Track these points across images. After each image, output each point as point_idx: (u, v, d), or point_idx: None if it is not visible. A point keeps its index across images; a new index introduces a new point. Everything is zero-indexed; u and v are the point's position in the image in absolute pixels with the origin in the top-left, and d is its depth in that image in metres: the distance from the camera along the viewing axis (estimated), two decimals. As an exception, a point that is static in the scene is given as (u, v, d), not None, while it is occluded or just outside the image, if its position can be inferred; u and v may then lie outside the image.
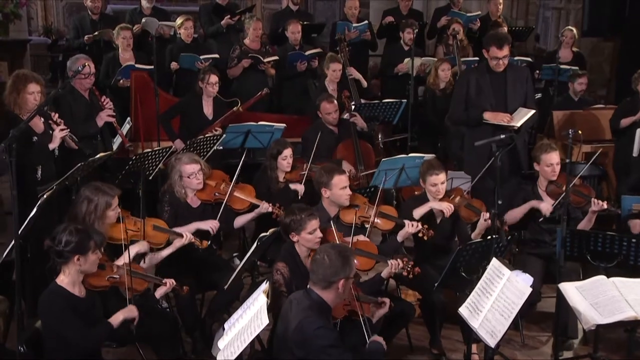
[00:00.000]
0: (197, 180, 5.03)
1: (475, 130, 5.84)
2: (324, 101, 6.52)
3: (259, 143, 6.25)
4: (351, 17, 8.66)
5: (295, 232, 4.28)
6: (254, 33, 7.80)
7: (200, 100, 6.54)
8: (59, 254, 3.71)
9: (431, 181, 5.07)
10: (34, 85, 5.10)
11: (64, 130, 5.20)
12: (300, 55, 7.80)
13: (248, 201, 5.26)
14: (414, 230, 4.84)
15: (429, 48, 10.03)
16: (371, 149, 6.70)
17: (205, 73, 6.50)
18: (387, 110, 7.01)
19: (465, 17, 8.73)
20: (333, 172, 4.86)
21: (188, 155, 5.09)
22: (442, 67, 7.56)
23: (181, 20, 7.88)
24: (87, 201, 4.27)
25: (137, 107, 7.05)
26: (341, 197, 4.86)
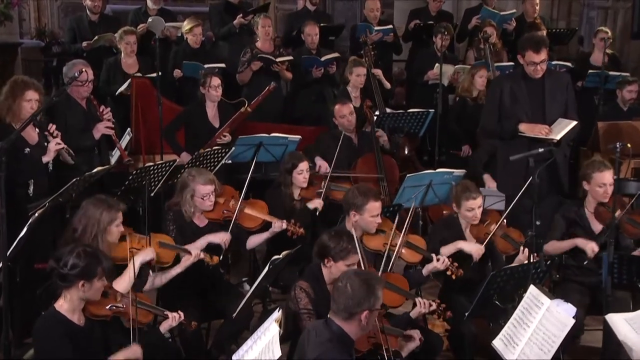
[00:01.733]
0: (209, 202, 5.08)
1: (509, 144, 5.80)
2: (337, 104, 6.58)
3: (271, 156, 6.28)
4: (372, 20, 8.70)
5: (334, 258, 4.28)
6: (263, 31, 7.79)
7: (204, 107, 6.60)
8: (63, 277, 3.71)
9: (467, 206, 5.08)
10: (32, 92, 5.17)
11: (60, 143, 5.22)
12: (316, 60, 7.83)
13: (260, 218, 5.28)
14: (441, 267, 4.84)
15: (459, 52, 10.05)
16: (395, 164, 6.71)
17: (206, 76, 6.56)
18: (412, 120, 7.03)
19: (498, 16, 8.73)
20: (368, 197, 4.84)
21: (204, 175, 5.11)
22: (480, 72, 7.50)
23: (190, 25, 7.89)
24: (88, 214, 4.31)
25: (138, 116, 7.12)
26: (370, 224, 4.87)
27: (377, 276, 3.90)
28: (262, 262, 5.78)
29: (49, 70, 14.06)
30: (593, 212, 5.26)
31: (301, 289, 4.22)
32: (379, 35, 8.51)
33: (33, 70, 14.00)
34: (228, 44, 8.44)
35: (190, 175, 5.09)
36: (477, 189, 5.17)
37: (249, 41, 8.07)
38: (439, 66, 7.79)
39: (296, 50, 8.43)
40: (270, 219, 5.27)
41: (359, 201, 4.85)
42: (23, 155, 5.13)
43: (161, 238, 4.73)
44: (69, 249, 3.76)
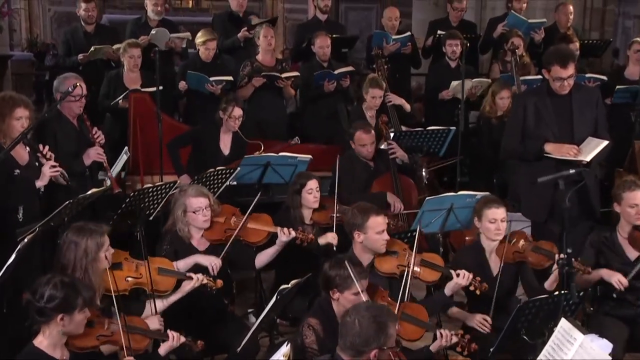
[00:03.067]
0: (203, 218, 5.08)
1: (534, 165, 5.75)
2: (360, 130, 6.55)
3: (279, 177, 6.30)
4: (390, 29, 8.73)
5: (339, 289, 4.28)
6: (264, 42, 7.81)
7: (218, 131, 6.65)
8: (40, 311, 3.68)
9: (490, 216, 5.08)
10: (21, 109, 5.16)
11: (55, 166, 5.21)
12: (328, 74, 7.87)
13: (265, 230, 5.28)
14: (464, 283, 4.83)
15: (483, 65, 10.06)
16: (413, 186, 6.72)
17: (229, 103, 6.60)
18: (432, 139, 7.04)
19: (526, 23, 8.74)
20: (369, 213, 4.88)
21: (195, 187, 5.17)
22: (502, 94, 7.49)
23: (204, 38, 7.83)
24: (74, 246, 4.29)
25: (136, 134, 7.16)
26: (377, 242, 4.88)
27: (389, 311, 3.89)
28: (269, 291, 5.78)
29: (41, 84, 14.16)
30: (627, 238, 5.22)
31: (309, 326, 4.21)
32: (397, 45, 8.52)
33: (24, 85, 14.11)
34: (233, 57, 8.45)
35: (182, 190, 5.14)
36: (500, 201, 5.20)
37: (251, 54, 8.10)
38: (455, 85, 7.81)
39: (306, 63, 8.47)
40: (275, 229, 5.26)
41: (359, 219, 4.87)
42: (13, 177, 5.10)
43: (160, 263, 4.73)
44: (45, 280, 3.73)
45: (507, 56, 8.34)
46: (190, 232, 5.11)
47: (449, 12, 9.16)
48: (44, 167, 5.20)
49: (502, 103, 7.48)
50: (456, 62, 8.12)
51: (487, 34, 9.19)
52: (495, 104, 7.53)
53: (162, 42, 7.92)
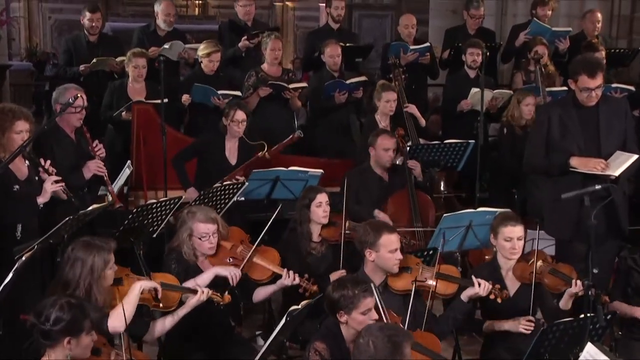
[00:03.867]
0: (209, 245, 5.08)
1: (559, 181, 5.73)
2: (382, 135, 6.57)
3: (289, 193, 6.30)
4: (406, 37, 8.71)
5: (345, 311, 4.27)
6: (271, 55, 7.84)
7: (223, 140, 6.66)
8: (46, 334, 3.68)
9: (505, 234, 5.07)
10: (22, 122, 5.19)
11: (58, 182, 5.22)
12: (340, 84, 7.86)
13: (270, 270, 5.25)
14: (484, 292, 4.83)
15: (503, 75, 10.04)
16: (430, 202, 6.70)
17: (231, 108, 6.61)
18: (450, 153, 7.03)
19: (550, 31, 8.71)
20: (381, 230, 4.88)
21: (204, 212, 5.14)
22: (526, 100, 7.47)
23: (208, 50, 7.81)
24: (80, 263, 4.30)
25: (139, 147, 7.18)
26: (389, 261, 4.87)
27: (405, 332, 3.87)
28: (278, 313, 5.77)
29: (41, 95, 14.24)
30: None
31: (316, 351, 4.19)
32: (415, 55, 8.51)
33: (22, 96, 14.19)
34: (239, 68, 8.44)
35: (190, 212, 5.12)
36: (517, 218, 5.18)
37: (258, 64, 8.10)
38: (473, 92, 7.78)
39: (317, 73, 8.48)
40: (281, 271, 5.21)
41: (372, 237, 4.87)
42: (12, 192, 5.13)
43: (163, 278, 4.73)
44: (50, 301, 3.73)
45: (530, 65, 8.32)
46: (195, 256, 5.11)
47: (466, 19, 9.13)
48: (46, 182, 5.22)
49: (528, 110, 7.45)
50: (476, 72, 8.08)
51: (509, 42, 9.16)
52: (519, 111, 7.49)
53: (175, 54, 7.92)
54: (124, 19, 16.33)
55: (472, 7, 9.04)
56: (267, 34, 8.01)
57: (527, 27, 8.88)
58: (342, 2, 8.97)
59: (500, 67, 9.74)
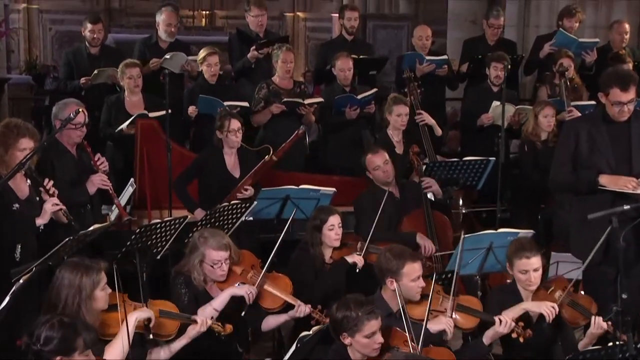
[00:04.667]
0: (221, 272, 5.08)
1: (586, 199, 5.71)
2: (368, 154, 6.58)
3: (300, 213, 6.29)
4: (421, 49, 8.72)
5: (348, 333, 4.27)
6: (282, 67, 7.85)
7: (221, 154, 6.64)
8: (38, 354, 3.70)
9: (519, 266, 5.06)
10: (27, 140, 5.20)
11: (58, 204, 5.23)
12: (350, 99, 7.85)
13: (281, 298, 5.24)
14: (505, 330, 4.80)
15: (526, 88, 10.03)
16: (448, 223, 6.68)
17: (224, 118, 6.57)
18: (469, 171, 7.01)
19: (577, 42, 8.68)
20: (404, 258, 4.85)
21: (217, 238, 5.12)
22: (544, 111, 7.46)
23: (203, 53, 7.90)
24: (67, 284, 4.31)
25: (143, 164, 7.19)
26: (411, 290, 4.87)
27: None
28: (287, 339, 5.74)
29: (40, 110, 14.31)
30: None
31: None
32: (431, 66, 8.51)
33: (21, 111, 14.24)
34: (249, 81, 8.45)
35: (202, 237, 5.10)
36: (534, 247, 5.14)
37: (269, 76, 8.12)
38: (495, 106, 7.76)
39: (328, 87, 8.48)
40: (293, 301, 5.21)
41: (394, 265, 4.85)
42: (11, 212, 5.13)
43: (162, 305, 4.73)
44: (42, 320, 3.76)
45: (555, 79, 8.28)
46: (205, 281, 5.10)
47: (485, 29, 9.13)
48: (46, 203, 5.22)
49: (546, 122, 7.43)
50: (499, 86, 8.05)
51: (533, 53, 9.15)
52: (538, 123, 7.47)
53: (177, 66, 7.93)
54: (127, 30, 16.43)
55: (492, 16, 9.04)
56: (277, 45, 8.01)
57: (552, 38, 8.86)
58: (356, 13, 9.00)
59: (523, 80, 9.73)
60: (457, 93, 9.58)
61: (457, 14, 12.19)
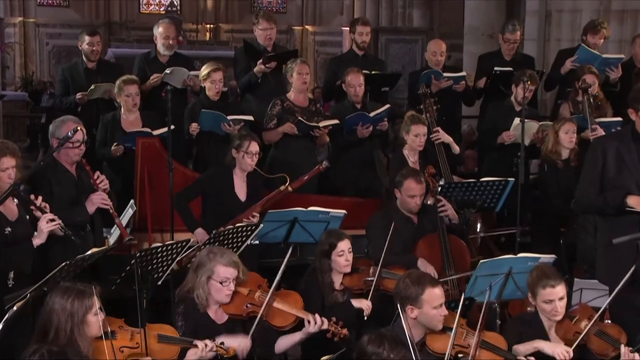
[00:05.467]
0: (227, 292, 5.06)
1: (613, 222, 5.68)
2: (410, 178, 6.50)
3: (308, 236, 6.28)
4: (434, 65, 8.73)
5: None
6: (298, 80, 7.81)
7: (231, 175, 6.64)
8: None
9: (544, 296, 5.03)
10: (8, 159, 5.20)
11: (53, 221, 5.21)
12: (363, 117, 7.84)
13: (293, 315, 5.25)
14: None
15: (545, 105, 10.01)
16: (464, 247, 6.66)
17: (243, 139, 6.56)
18: (487, 192, 7.00)
19: (600, 58, 8.66)
20: (424, 284, 4.82)
21: (227, 254, 5.12)
22: (565, 127, 7.44)
23: (207, 70, 7.90)
24: (58, 309, 4.31)
25: (144, 185, 7.19)
26: (434, 318, 4.83)
27: None
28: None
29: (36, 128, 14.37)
30: None
31: None
32: (449, 82, 8.52)
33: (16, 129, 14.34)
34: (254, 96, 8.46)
35: (211, 253, 5.09)
36: (557, 275, 5.12)
37: (276, 91, 8.13)
38: (517, 124, 7.72)
39: (338, 104, 8.48)
40: (305, 315, 5.22)
41: (414, 292, 4.82)
42: (3, 236, 5.12)
43: (160, 329, 4.73)
44: (31, 350, 3.79)
45: (578, 96, 8.26)
46: (207, 301, 5.09)
47: (501, 44, 9.11)
48: (40, 221, 5.20)
49: (567, 138, 7.41)
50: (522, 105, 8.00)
51: (554, 67, 9.11)
52: (558, 141, 7.46)
53: (179, 82, 7.93)
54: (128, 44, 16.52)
55: (507, 30, 9.02)
56: (291, 60, 8.01)
57: (575, 53, 8.84)
58: (367, 28, 8.98)
59: (543, 97, 9.71)
60: (473, 110, 9.58)
61: (474, 27, 12.21)
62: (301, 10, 20.12)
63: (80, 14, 19.38)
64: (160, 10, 20.47)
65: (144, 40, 15.50)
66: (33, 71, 17.48)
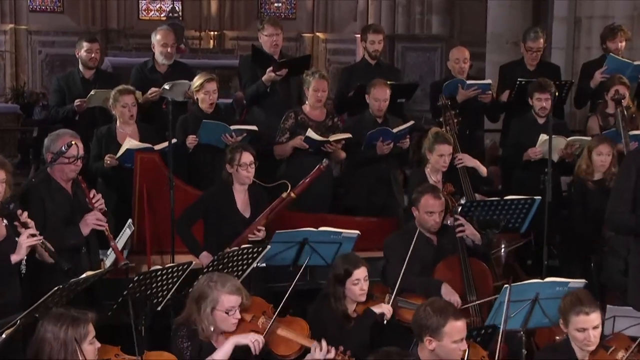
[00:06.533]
0: (234, 320, 5.08)
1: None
2: (428, 194, 6.50)
3: (319, 259, 6.28)
4: (457, 74, 8.76)
5: None
6: (314, 97, 7.84)
7: (230, 191, 6.66)
8: None
9: (577, 324, 5.01)
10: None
11: (34, 236, 5.19)
12: (385, 132, 7.82)
13: (297, 343, 5.25)
14: None
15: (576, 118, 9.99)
16: (487, 271, 6.64)
17: (235, 151, 6.58)
18: (511, 211, 6.97)
19: (631, 66, 8.67)
20: (447, 315, 4.80)
21: (230, 281, 5.13)
22: (599, 149, 7.43)
23: (200, 80, 7.86)
24: (51, 338, 4.33)
25: (142, 203, 7.22)
26: (453, 352, 4.82)
27: None
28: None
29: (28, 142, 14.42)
30: None
31: None
32: (477, 91, 8.50)
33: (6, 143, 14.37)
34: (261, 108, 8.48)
35: (211, 282, 5.10)
36: (592, 302, 5.10)
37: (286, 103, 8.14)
38: (543, 140, 7.71)
39: (355, 117, 8.48)
40: (309, 343, 5.22)
41: (434, 322, 4.80)
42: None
43: (159, 357, 4.78)
44: None
45: (609, 108, 8.24)
46: (213, 332, 5.10)
47: (523, 53, 9.10)
48: (21, 236, 5.13)
49: (602, 160, 7.41)
50: (545, 117, 8.01)
51: (582, 82, 9.09)
52: (592, 162, 7.45)
53: (180, 94, 7.96)
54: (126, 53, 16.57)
55: (529, 38, 9.01)
56: (311, 71, 8.02)
57: (603, 64, 8.81)
58: (380, 36, 8.96)
59: (572, 109, 9.69)
60: (496, 124, 9.56)
61: (497, 34, 12.20)
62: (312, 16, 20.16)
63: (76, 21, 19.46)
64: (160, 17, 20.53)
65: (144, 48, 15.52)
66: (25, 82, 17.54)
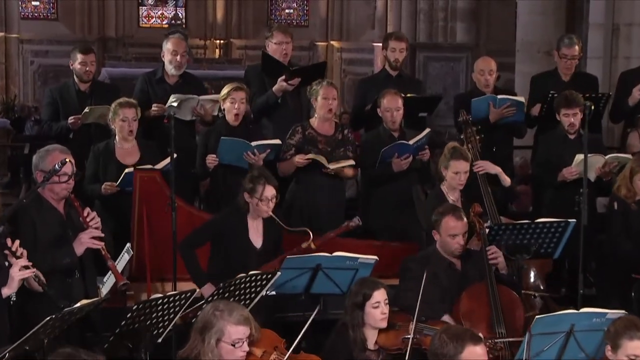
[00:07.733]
0: (242, 353, 5.05)
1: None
2: (449, 215, 6.50)
3: (333, 286, 6.29)
4: (483, 86, 8.75)
5: None
6: (323, 106, 7.79)
7: (245, 219, 6.66)
8: None
9: (630, 349, 4.97)
10: None
11: (27, 268, 5.20)
12: (402, 147, 7.82)
13: None
14: None
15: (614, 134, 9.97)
16: (517, 300, 6.63)
17: (257, 182, 6.52)
18: (543, 236, 6.96)
19: None
20: (463, 341, 4.79)
21: (237, 310, 5.09)
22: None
23: (228, 88, 7.85)
24: None
25: (142, 227, 7.24)
26: None
27: None
28: None
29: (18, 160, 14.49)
30: None
31: None
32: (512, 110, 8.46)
33: (-4, 161, 14.44)
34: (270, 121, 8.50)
35: (217, 311, 5.08)
36: None
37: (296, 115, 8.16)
38: (579, 161, 7.68)
39: (371, 132, 8.48)
40: None
41: (451, 350, 4.78)
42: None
43: None
44: None
45: (648, 123, 8.27)
46: None
47: (557, 62, 9.03)
48: (13, 268, 5.16)
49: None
50: (575, 133, 7.99)
51: (620, 94, 9.05)
52: (633, 185, 7.44)
53: (188, 112, 7.97)
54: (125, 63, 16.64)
55: (563, 44, 8.93)
56: (317, 81, 8.00)
57: None
58: (402, 43, 8.94)
59: (610, 123, 9.67)
60: (525, 140, 9.54)
61: (527, 43, 12.20)
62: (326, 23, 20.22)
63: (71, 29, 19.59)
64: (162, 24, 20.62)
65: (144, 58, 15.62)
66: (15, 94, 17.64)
